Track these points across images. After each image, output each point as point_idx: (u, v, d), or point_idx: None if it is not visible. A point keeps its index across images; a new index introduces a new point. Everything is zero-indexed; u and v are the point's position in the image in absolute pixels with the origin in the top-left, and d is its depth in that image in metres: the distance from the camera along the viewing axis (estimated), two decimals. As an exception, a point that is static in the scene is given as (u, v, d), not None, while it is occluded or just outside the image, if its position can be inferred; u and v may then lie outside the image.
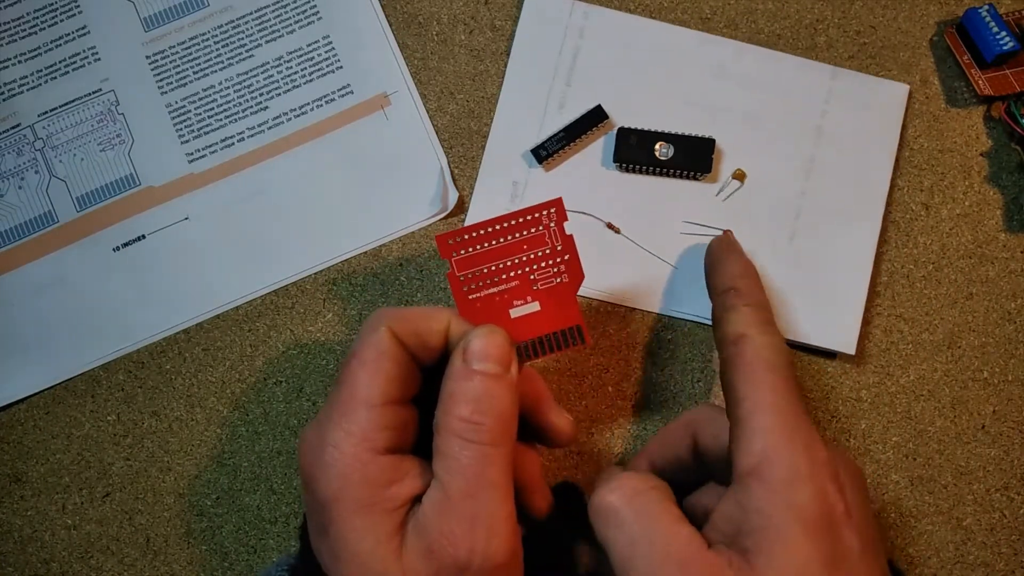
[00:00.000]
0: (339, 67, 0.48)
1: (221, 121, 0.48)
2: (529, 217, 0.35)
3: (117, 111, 0.48)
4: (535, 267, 0.35)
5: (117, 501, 0.45)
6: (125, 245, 0.47)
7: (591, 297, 0.46)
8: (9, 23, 0.49)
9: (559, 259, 0.35)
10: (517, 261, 0.35)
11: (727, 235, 0.44)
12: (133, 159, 0.47)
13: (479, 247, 0.35)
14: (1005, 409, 0.45)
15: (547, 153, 0.46)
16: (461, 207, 0.47)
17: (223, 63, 0.48)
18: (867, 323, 0.45)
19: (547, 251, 0.35)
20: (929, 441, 0.45)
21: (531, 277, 0.35)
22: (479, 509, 0.30)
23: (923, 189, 0.47)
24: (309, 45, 0.48)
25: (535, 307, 0.35)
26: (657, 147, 0.45)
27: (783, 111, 0.47)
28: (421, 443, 0.33)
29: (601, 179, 0.46)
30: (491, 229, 0.35)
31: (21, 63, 0.48)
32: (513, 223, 0.35)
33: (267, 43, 0.48)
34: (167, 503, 0.45)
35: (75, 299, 0.46)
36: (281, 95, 0.48)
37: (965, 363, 0.45)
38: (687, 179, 0.46)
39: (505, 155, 0.47)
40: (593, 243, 0.46)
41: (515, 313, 0.35)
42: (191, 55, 0.48)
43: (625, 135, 0.45)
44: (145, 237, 0.47)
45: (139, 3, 0.49)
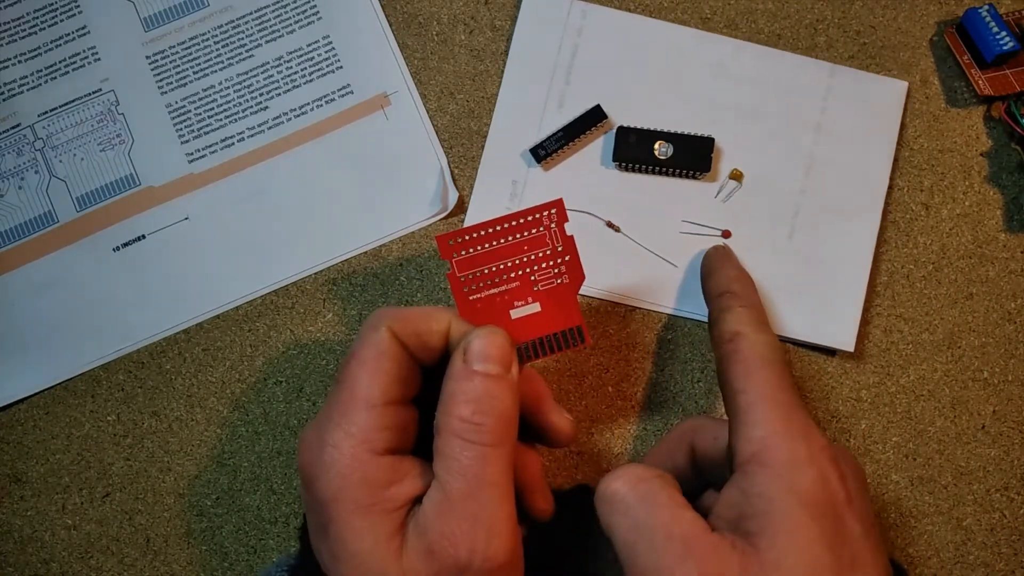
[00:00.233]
0: (339, 67, 0.48)
1: (221, 121, 0.48)
2: (530, 218, 0.35)
3: (117, 111, 0.48)
4: (536, 268, 0.35)
5: (117, 501, 0.45)
6: (125, 245, 0.47)
7: (591, 296, 0.46)
8: (9, 23, 0.49)
9: (560, 260, 0.35)
10: (518, 262, 0.35)
11: (723, 247, 0.45)
12: (133, 159, 0.47)
13: (480, 248, 0.35)
14: (1005, 409, 0.45)
15: (546, 152, 0.46)
16: (461, 207, 0.47)
17: (223, 63, 0.48)
18: (867, 323, 0.45)
19: (548, 252, 0.35)
20: (929, 441, 0.45)
21: (532, 278, 0.35)
22: (479, 509, 0.30)
23: (923, 189, 0.47)
24: (309, 45, 0.48)
25: (536, 308, 0.35)
26: (656, 146, 0.45)
27: (782, 109, 0.47)
28: (422, 444, 0.33)
29: (600, 178, 0.46)
30: (492, 230, 0.35)
31: (21, 63, 0.48)
32: (514, 224, 0.35)
33: (267, 43, 0.48)
34: (167, 503, 0.45)
35: (75, 299, 0.46)
36: (281, 95, 0.48)
37: (965, 363, 0.45)
38: (686, 178, 0.46)
39: (504, 155, 0.47)
40: (593, 242, 0.46)
41: (516, 314, 0.35)
42: (191, 55, 0.48)
43: (624, 134, 0.45)
44: (145, 237, 0.47)
45: (139, 3, 0.49)
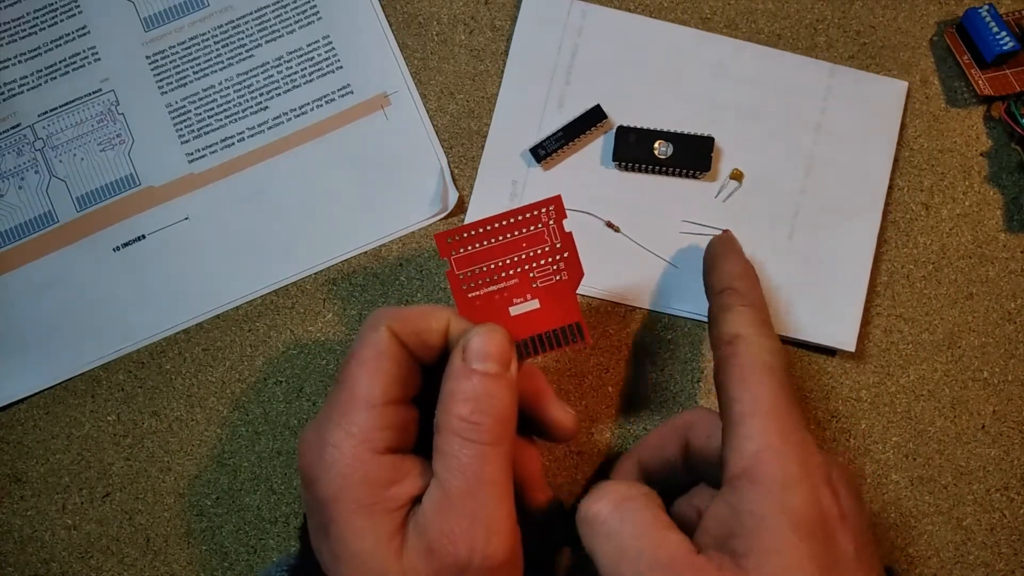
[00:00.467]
0: (339, 67, 0.48)
1: (221, 121, 0.48)
2: (528, 215, 0.35)
3: (117, 111, 0.48)
4: (534, 265, 0.35)
5: (117, 501, 0.45)
6: (125, 245, 0.47)
7: (591, 296, 0.46)
8: (9, 23, 0.49)
9: (558, 257, 0.35)
10: (516, 259, 0.35)
11: (727, 234, 0.43)
12: (133, 159, 0.47)
13: (478, 245, 0.35)
14: (1005, 409, 0.45)
15: (546, 152, 0.46)
16: (461, 207, 0.47)
17: (223, 63, 0.48)
18: (867, 323, 0.45)
19: (546, 249, 0.35)
20: (929, 441, 0.45)
21: (530, 275, 0.35)
22: (479, 508, 0.30)
23: (923, 189, 0.47)
24: (309, 45, 0.48)
25: (535, 305, 0.35)
26: (656, 146, 0.45)
27: (782, 108, 0.47)
28: (422, 443, 0.33)
29: (600, 178, 0.46)
30: (490, 227, 0.35)
31: (21, 63, 0.48)
32: (512, 221, 0.35)
33: (267, 43, 0.48)
34: (167, 503, 0.45)
35: (75, 299, 0.46)
36: (281, 95, 0.48)
37: (965, 363, 0.45)
38: (687, 177, 0.46)
39: (504, 154, 0.47)
40: (593, 242, 0.46)
41: (515, 311, 0.35)
42: (191, 55, 0.48)
43: (624, 134, 0.45)
44: (145, 237, 0.47)
45: (139, 3, 0.49)
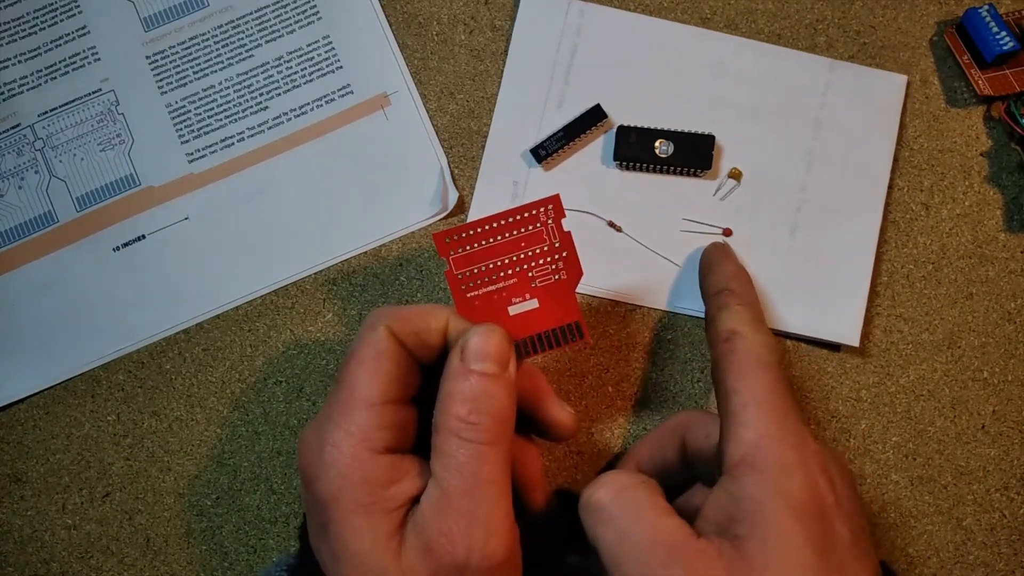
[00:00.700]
0: (339, 67, 0.48)
1: (221, 121, 0.48)
2: (527, 214, 0.35)
3: (117, 111, 0.48)
4: (533, 264, 0.35)
5: (117, 501, 0.45)
6: (125, 245, 0.47)
7: (593, 295, 0.46)
8: (9, 23, 0.49)
9: (557, 256, 0.35)
10: (515, 258, 0.35)
11: (722, 243, 0.44)
12: (133, 159, 0.48)
13: (477, 245, 0.35)
14: (1005, 409, 0.45)
15: (546, 152, 0.46)
16: (461, 207, 0.47)
17: (223, 63, 0.48)
18: (867, 323, 0.45)
19: (545, 248, 0.35)
20: (929, 441, 0.45)
21: (529, 274, 0.35)
22: (477, 507, 0.30)
23: (923, 189, 0.47)
24: (309, 45, 0.48)
25: (534, 304, 0.35)
26: (657, 145, 0.45)
27: (782, 105, 0.47)
28: (421, 442, 0.33)
29: (601, 178, 0.46)
30: (489, 227, 0.35)
31: (21, 63, 0.48)
32: (511, 220, 0.35)
33: (267, 43, 0.48)
34: (167, 503, 0.45)
35: (75, 299, 0.46)
36: (281, 95, 0.48)
37: (965, 363, 0.45)
38: (688, 176, 0.46)
39: (505, 155, 0.47)
40: (595, 242, 0.46)
41: (514, 310, 0.35)
42: (191, 55, 0.48)
43: (625, 133, 0.45)
44: (145, 237, 0.47)
45: (139, 3, 0.49)
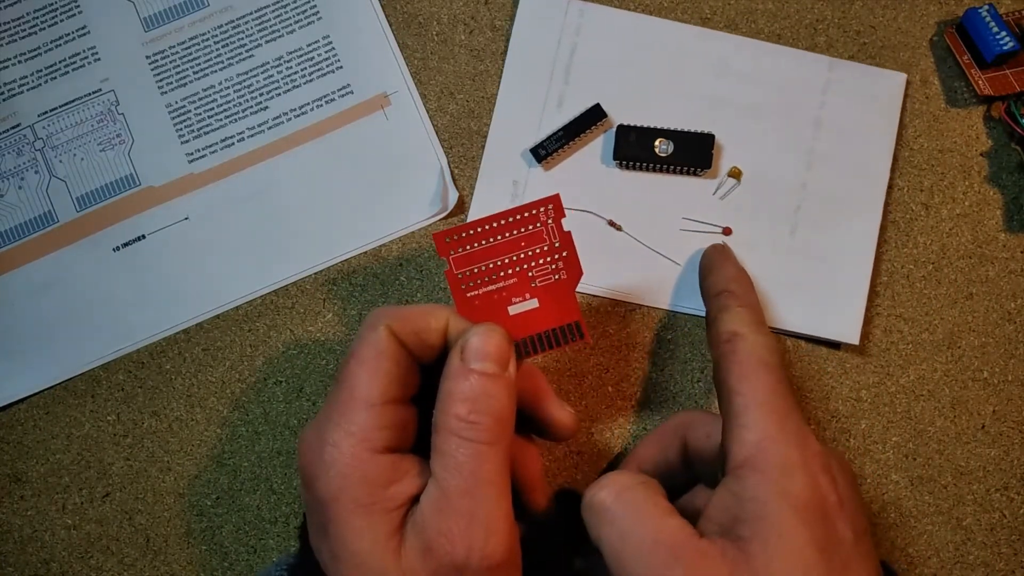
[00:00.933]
0: (339, 67, 0.48)
1: (221, 121, 0.48)
2: (527, 214, 0.35)
3: (117, 111, 0.48)
4: (533, 264, 0.35)
5: (117, 501, 0.45)
6: (125, 245, 0.47)
7: (593, 295, 0.46)
8: (9, 23, 0.49)
9: (557, 256, 0.35)
10: (515, 258, 0.35)
11: (721, 244, 0.45)
12: (133, 159, 0.48)
13: (477, 244, 0.35)
14: (1005, 409, 0.45)
15: (546, 152, 0.46)
16: (461, 207, 0.47)
17: (223, 63, 0.48)
18: (867, 322, 0.45)
19: (545, 248, 0.35)
20: (929, 441, 0.45)
21: (529, 274, 0.35)
22: (476, 507, 0.30)
23: (923, 189, 0.47)
24: (309, 45, 0.48)
25: (533, 304, 0.35)
26: (657, 144, 0.45)
27: (782, 104, 0.47)
28: (421, 442, 0.33)
29: (601, 177, 0.46)
30: (489, 226, 0.35)
31: (21, 63, 0.48)
32: (511, 220, 0.35)
33: (267, 43, 0.48)
34: (167, 503, 0.45)
35: (75, 299, 0.46)
36: (281, 95, 0.48)
37: (965, 363, 0.45)
38: (688, 175, 0.46)
39: (505, 155, 0.47)
40: (595, 241, 0.46)
41: (513, 310, 0.35)
42: (191, 55, 0.48)
43: (624, 132, 0.45)
44: (145, 237, 0.47)
45: (139, 3, 0.49)
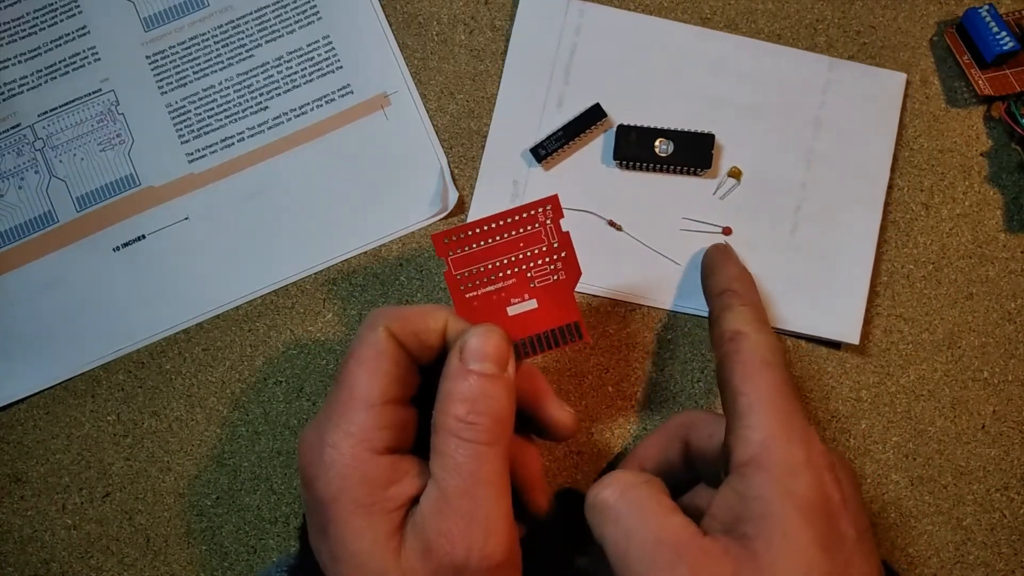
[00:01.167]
0: (339, 67, 0.48)
1: (221, 121, 0.48)
2: (525, 215, 0.35)
3: (117, 111, 0.48)
4: (532, 264, 0.35)
5: (117, 501, 0.45)
6: (125, 245, 0.47)
7: (593, 295, 0.46)
8: (9, 23, 0.49)
9: (556, 256, 0.35)
10: (514, 259, 0.35)
11: (723, 244, 0.45)
12: (133, 159, 0.48)
13: (475, 245, 0.35)
14: (1005, 409, 0.45)
15: (546, 152, 0.46)
16: (461, 207, 0.47)
17: (223, 63, 0.48)
18: (867, 323, 0.45)
19: (544, 248, 0.35)
20: (929, 441, 0.45)
21: (528, 275, 0.35)
22: (476, 507, 0.30)
23: (923, 189, 0.47)
24: (309, 45, 0.48)
25: (532, 304, 0.35)
26: (657, 144, 0.45)
27: (782, 104, 0.47)
28: (420, 443, 0.33)
29: (601, 177, 0.46)
30: (487, 227, 0.35)
31: (21, 63, 0.48)
32: (509, 221, 0.35)
33: (267, 43, 0.48)
34: (167, 503, 0.45)
35: (75, 299, 0.46)
36: (281, 95, 0.48)
37: (965, 363, 0.45)
38: (688, 175, 0.46)
39: (505, 154, 0.47)
40: (595, 241, 0.46)
41: (512, 311, 0.35)
42: (191, 55, 0.48)
43: (624, 132, 0.45)
44: (145, 237, 0.47)
45: (139, 3, 0.49)
